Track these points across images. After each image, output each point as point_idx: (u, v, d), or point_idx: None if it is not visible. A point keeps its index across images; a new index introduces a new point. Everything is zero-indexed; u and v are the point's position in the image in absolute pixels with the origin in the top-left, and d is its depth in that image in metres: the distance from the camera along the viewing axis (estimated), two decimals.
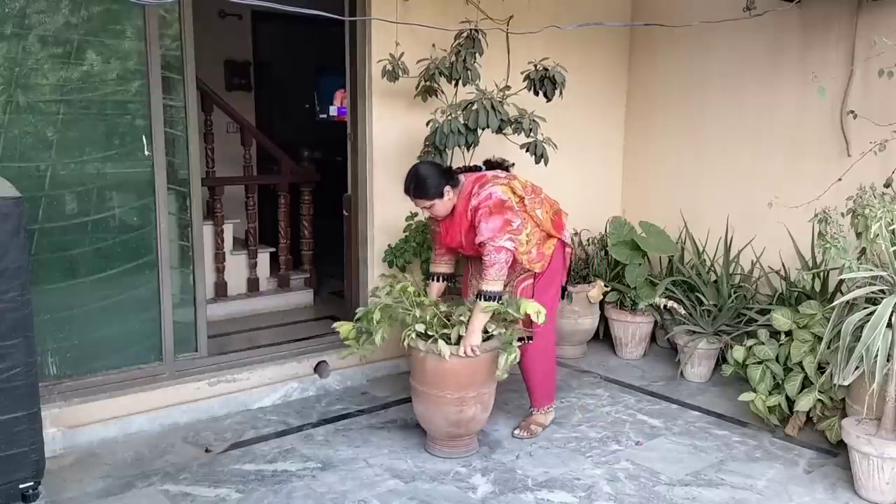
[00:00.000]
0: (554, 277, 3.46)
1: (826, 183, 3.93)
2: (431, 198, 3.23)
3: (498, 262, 3.13)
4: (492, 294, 3.13)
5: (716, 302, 4.39)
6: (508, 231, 3.14)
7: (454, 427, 3.25)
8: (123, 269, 3.50)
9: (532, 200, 3.31)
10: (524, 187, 3.32)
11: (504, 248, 3.13)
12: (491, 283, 3.14)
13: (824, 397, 3.39)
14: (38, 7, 3.15)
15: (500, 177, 3.32)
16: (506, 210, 3.16)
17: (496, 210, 3.15)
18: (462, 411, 3.20)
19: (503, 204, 3.16)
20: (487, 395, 3.29)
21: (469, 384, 3.18)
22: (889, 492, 2.94)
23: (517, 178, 3.38)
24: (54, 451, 3.20)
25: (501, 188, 3.21)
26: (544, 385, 3.57)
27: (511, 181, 3.30)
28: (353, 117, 4.21)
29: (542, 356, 3.48)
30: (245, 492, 3.00)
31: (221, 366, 3.82)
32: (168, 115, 3.50)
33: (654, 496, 3.02)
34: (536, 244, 3.32)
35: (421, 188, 3.23)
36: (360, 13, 3.92)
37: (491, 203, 3.16)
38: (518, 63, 3.93)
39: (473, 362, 3.14)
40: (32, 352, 2.60)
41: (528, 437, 3.49)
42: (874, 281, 3.06)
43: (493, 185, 3.21)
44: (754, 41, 4.41)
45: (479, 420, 3.32)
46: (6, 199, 2.50)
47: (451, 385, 3.16)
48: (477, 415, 3.27)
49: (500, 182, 3.25)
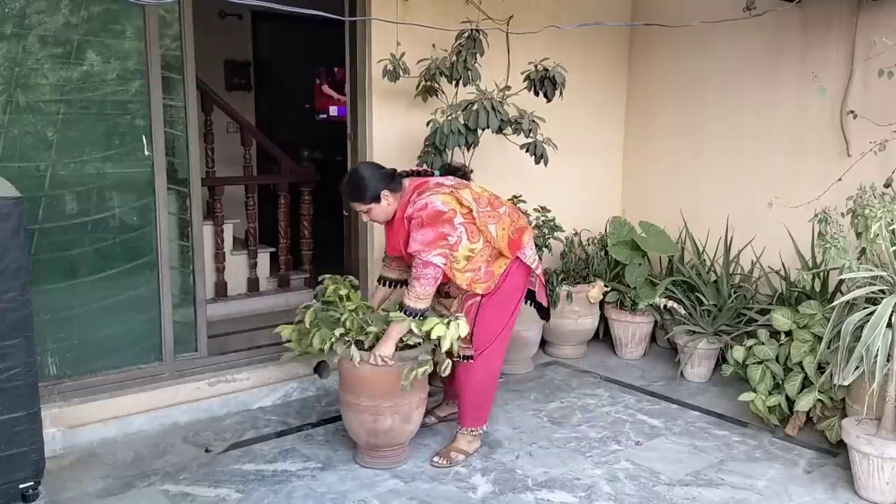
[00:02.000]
0: (510, 298, 3.20)
1: (826, 183, 3.93)
2: (367, 202, 3.06)
3: (424, 276, 2.94)
4: (413, 311, 2.97)
5: (716, 302, 4.39)
6: (441, 246, 2.94)
7: (372, 437, 3.13)
8: (123, 269, 3.50)
9: (486, 214, 3.08)
10: (478, 198, 3.10)
11: (432, 263, 2.93)
12: (414, 299, 2.96)
13: (824, 397, 3.39)
14: (38, 7, 3.15)
15: (444, 185, 3.07)
16: (442, 222, 2.95)
17: (429, 221, 2.94)
18: (377, 421, 3.08)
19: (440, 216, 2.95)
20: (407, 407, 3.12)
21: (384, 393, 3.04)
22: (889, 492, 2.94)
23: (470, 187, 3.16)
24: (54, 451, 3.21)
25: (442, 197, 2.98)
26: (475, 405, 3.30)
27: (458, 190, 3.05)
28: (353, 117, 4.21)
29: (478, 375, 3.24)
30: (245, 492, 3.00)
31: (221, 366, 3.82)
32: (168, 115, 3.50)
33: (654, 496, 3.02)
34: (486, 262, 3.10)
35: (356, 191, 3.08)
36: (360, 13, 3.92)
37: (425, 214, 2.95)
38: (518, 63, 3.93)
39: (387, 372, 3.00)
40: (32, 352, 2.60)
41: (447, 465, 3.21)
42: (874, 281, 3.06)
43: (431, 194, 2.99)
44: (754, 41, 4.41)
45: (399, 431, 3.15)
46: (6, 199, 2.50)
47: (366, 392, 3.05)
48: (395, 426, 3.11)
49: (442, 191, 3.02)
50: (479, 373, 3.25)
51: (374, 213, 3.11)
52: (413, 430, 3.25)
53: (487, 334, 3.21)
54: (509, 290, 3.20)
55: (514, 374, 4.41)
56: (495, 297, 3.17)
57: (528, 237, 3.23)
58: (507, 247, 3.13)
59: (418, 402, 3.19)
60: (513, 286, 3.22)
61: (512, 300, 3.23)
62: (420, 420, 3.27)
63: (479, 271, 3.10)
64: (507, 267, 3.17)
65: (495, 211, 3.15)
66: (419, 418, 3.25)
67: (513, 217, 3.22)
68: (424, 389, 3.22)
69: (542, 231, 4.41)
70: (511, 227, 3.17)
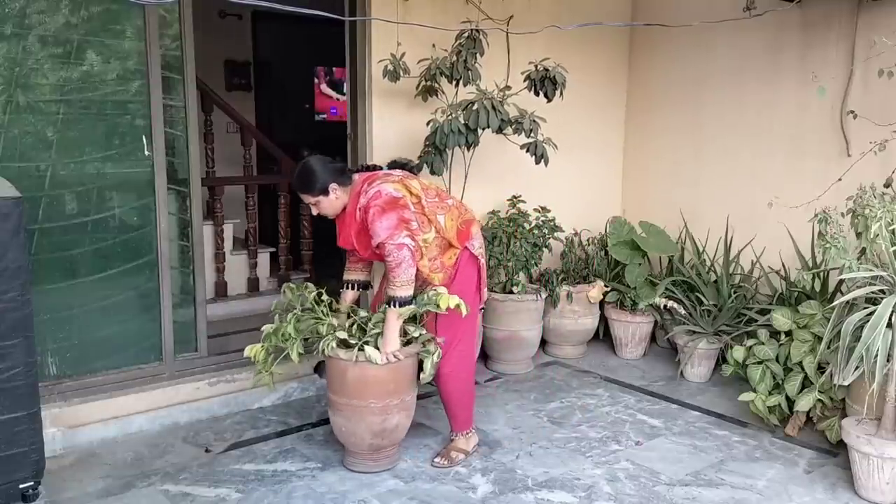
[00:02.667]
0: (463, 292, 3.15)
1: (826, 183, 3.93)
2: (315, 194, 3.05)
3: (403, 259, 2.90)
4: (403, 300, 2.94)
5: (716, 302, 4.39)
6: (408, 229, 2.93)
7: (377, 438, 3.10)
8: (123, 269, 3.50)
9: (434, 204, 3.10)
10: (426, 189, 3.12)
11: (403, 244, 2.90)
12: (399, 287, 2.93)
13: (824, 397, 3.39)
14: (38, 7, 3.15)
15: (392, 174, 3.10)
16: (400, 207, 2.94)
17: (388, 207, 2.92)
18: (386, 420, 3.06)
19: (396, 201, 2.94)
20: (410, 401, 3.16)
21: (394, 391, 3.04)
22: (889, 492, 2.94)
23: (417, 178, 3.20)
24: (54, 451, 3.21)
25: (393, 185, 2.99)
26: (460, 408, 3.30)
27: (406, 179, 3.09)
28: (354, 117, 4.21)
29: (452, 377, 3.23)
30: (245, 492, 3.00)
31: (221, 366, 3.82)
32: (168, 115, 3.50)
33: (654, 496, 3.02)
34: (438, 253, 3.12)
35: (303, 183, 3.08)
36: (360, 13, 3.92)
37: (381, 201, 2.94)
38: (518, 63, 3.93)
39: (397, 368, 3.01)
40: (32, 352, 2.60)
41: (449, 465, 3.23)
42: (874, 281, 3.06)
43: (382, 183, 2.99)
44: (754, 41, 4.41)
45: (403, 428, 3.17)
46: (6, 199, 2.50)
47: (376, 393, 3.02)
48: (401, 422, 3.13)
49: (392, 179, 3.04)
50: (451, 372, 3.22)
51: (323, 206, 3.11)
52: (409, 424, 3.24)
53: (448, 327, 3.18)
54: (461, 283, 3.21)
55: (514, 374, 4.41)
56: (452, 290, 3.13)
57: (476, 229, 3.25)
58: (456, 237, 3.15)
59: (415, 396, 3.22)
60: (465, 279, 3.23)
61: (464, 293, 3.17)
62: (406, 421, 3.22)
63: (435, 261, 3.12)
64: (457, 259, 3.19)
65: (443, 202, 3.17)
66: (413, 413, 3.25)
67: (460, 209, 3.24)
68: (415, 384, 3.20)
69: (542, 231, 4.41)
70: (459, 218, 3.19)
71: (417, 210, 3.04)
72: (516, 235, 4.31)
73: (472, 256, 3.24)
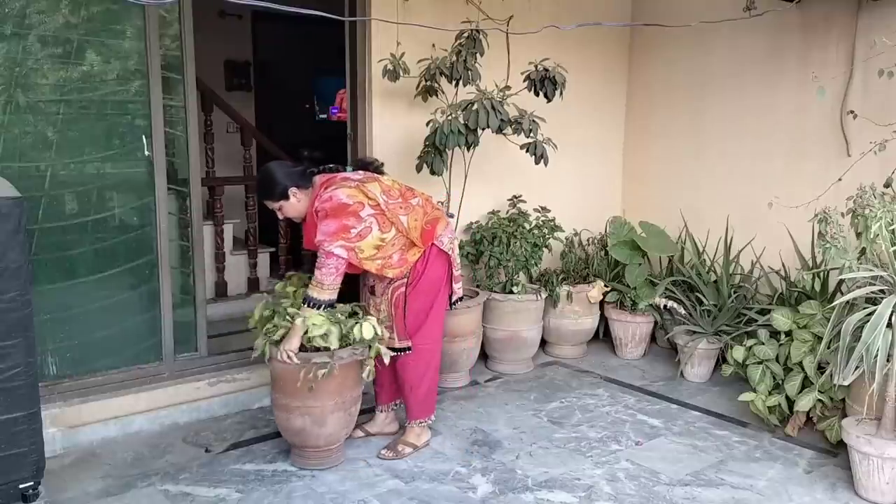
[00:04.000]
0: (433, 286, 3.25)
1: (826, 183, 3.92)
2: (276, 199, 3.15)
3: (325, 266, 3.00)
4: (314, 301, 3.01)
5: (716, 302, 4.39)
6: (343, 238, 3.00)
7: (288, 435, 3.15)
8: (123, 269, 3.50)
9: (396, 205, 3.14)
10: (387, 191, 3.15)
11: (333, 254, 2.98)
12: (316, 288, 3.01)
13: (824, 397, 3.39)
14: (38, 7, 3.15)
15: (350, 179, 3.14)
16: (346, 215, 3.01)
17: (332, 213, 3.02)
18: (289, 420, 3.09)
19: (344, 208, 3.01)
20: (319, 410, 3.07)
21: (293, 392, 3.03)
22: (889, 492, 2.94)
23: (380, 180, 3.20)
24: (54, 451, 3.21)
25: (347, 191, 3.05)
26: (418, 396, 3.34)
27: (365, 184, 3.11)
28: (353, 117, 4.21)
29: (412, 363, 3.29)
30: (245, 492, 3.00)
31: (221, 366, 3.82)
32: (168, 115, 3.50)
33: (654, 496, 3.02)
34: (400, 250, 3.15)
35: (264, 189, 3.20)
36: (360, 13, 3.92)
37: (328, 206, 3.03)
38: (518, 63, 3.93)
39: (294, 370, 2.98)
40: (32, 352, 2.60)
41: (394, 457, 3.26)
42: (874, 281, 3.06)
43: (337, 188, 3.06)
44: (754, 41, 4.41)
45: (312, 434, 3.11)
46: (6, 199, 2.50)
47: (279, 389, 3.07)
48: (306, 427, 3.08)
49: (348, 185, 3.09)
50: (413, 361, 3.29)
51: (286, 210, 3.19)
52: (331, 434, 3.14)
53: (417, 322, 3.27)
54: (431, 277, 3.26)
55: (514, 374, 4.41)
56: (419, 285, 3.23)
57: (441, 227, 3.27)
58: (420, 237, 3.18)
59: (334, 406, 3.10)
60: (434, 274, 3.26)
61: (434, 287, 3.27)
62: (340, 426, 3.17)
63: (392, 258, 3.14)
64: (426, 255, 3.22)
65: (407, 202, 3.20)
66: (337, 424, 3.14)
67: (426, 208, 3.26)
68: (342, 394, 3.11)
69: (541, 231, 4.41)
70: (424, 217, 3.22)
71: (377, 212, 3.08)
72: (516, 235, 4.31)
73: (441, 252, 3.27)
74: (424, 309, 3.27)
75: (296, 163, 3.29)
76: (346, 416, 3.18)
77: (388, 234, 3.10)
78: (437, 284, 3.29)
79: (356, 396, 3.22)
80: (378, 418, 3.54)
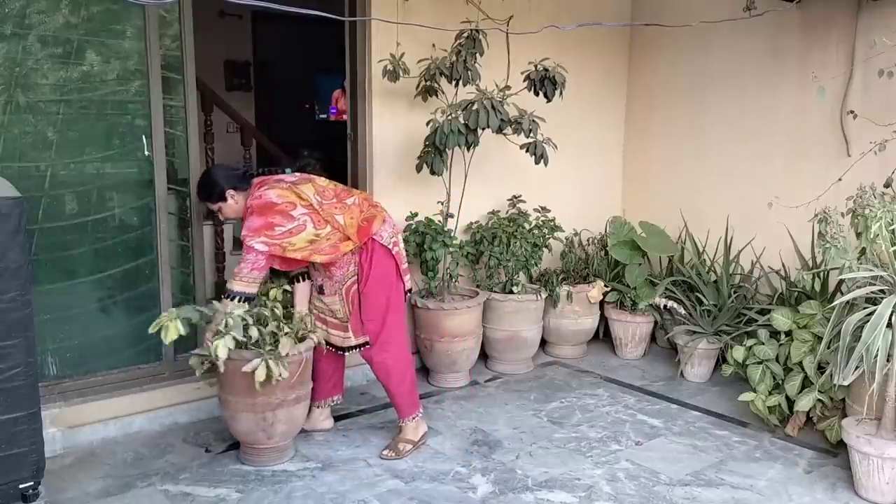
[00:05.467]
0: (384, 280, 3.31)
1: (826, 183, 3.93)
2: (215, 201, 3.29)
3: (246, 261, 3.10)
4: (234, 293, 3.09)
5: (716, 302, 4.39)
6: (266, 234, 3.09)
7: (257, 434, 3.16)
8: (123, 269, 3.50)
9: (331, 205, 3.22)
10: (321, 192, 3.24)
11: (253, 248, 3.09)
12: (236, 281, 3.10)
13: (824, 397, 3.39)
14: (38, 7, 3.15)
15: (284, 180, 3.26)
16: (273, 213, 3.12)
17: (258, 211, 3.13)
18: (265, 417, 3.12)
19: (272, 206, 3.12)
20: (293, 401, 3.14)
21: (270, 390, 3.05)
22: (889, 492, 2.94)
23: (314, 181, 3.29)
24: (54, 451, 3.21)
25: (278, 191, 3.16)
26: (402, 394, 3.39)
27: (297, 185, 3.21)
28: (353, 117, 4.21)
29: (388, 363, 3.34)
30: (245, 492, 3.00)
31: None
32: (168, 115, 3.50)
33: (654, 496, 3.02)
34: (333, 243, 3.21)
35: (202, 191, 3.34)
36: (360, 13, 3.92)
37: (255, 204, 3.15)
38: (518, 63, 3.93)
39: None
40: (32, 352, 2.60)
41: (396, 457, 3.30)
42: (874, 281, 3.06)
43: (269, 188, 3.18)
44: (754, 41, 4.41)
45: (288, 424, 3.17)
46: (6, 199, 2.50)
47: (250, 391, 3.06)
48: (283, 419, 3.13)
49: (280, 186, 3.19)
50: (388, 361, 3.34)
51: (225, 212, 3.32)
52: (247, 432, 3.15)
53: (375, 313, 3.31)
54: (380, 271, 3.31)
55: (514, 374, 4.41)
56: (370, 281, 3.29)
57: (378, 224, 3.31)
58: (357, 233, 3.25)
59: (244, 406, 3.11)
60: (382, 268, 3.32)
61: (386, 281, 3.33)
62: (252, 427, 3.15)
63: (322, 247, 3.20)
64: (369, 251, 3.28)
65: (342, 202, 3.28)
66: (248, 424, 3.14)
67: (362, 207, 3.32)
68: (252, 395, 3.06)
69: (541, 231, 4.41)
70: (360, 216, 3.29)
71: (309, 211, 3.17)
72: (516, 235, 4.31)
73: (384, 247, 3.31)
74: (381, 303, 3.31)
75: (237, 167, 3.48)
76: (257, 417, 3.12)
77: (322, 230, 3.18)
78: (388, 278, 3.34)
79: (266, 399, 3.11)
80: (313, 413, 3.55)
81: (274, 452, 3.24)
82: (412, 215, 4.16)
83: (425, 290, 4.21)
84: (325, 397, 3.58)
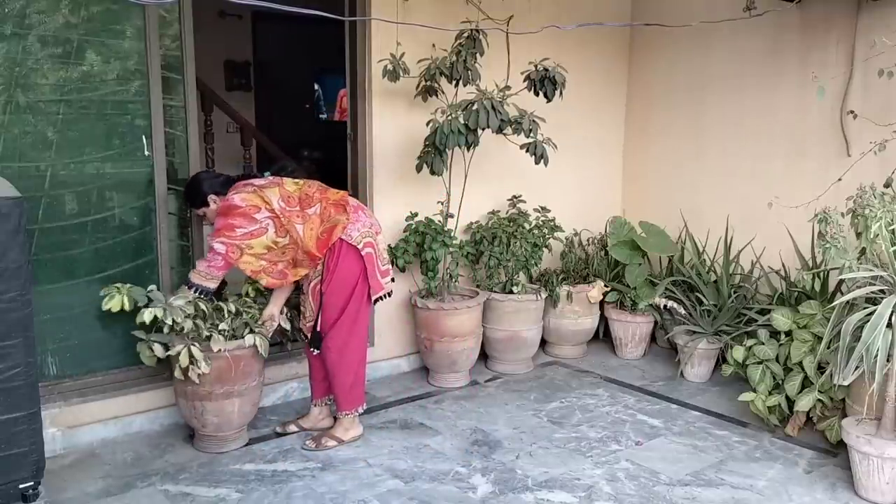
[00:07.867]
0: (345, 282, 3.31)
1: (826, 183, 3.93)
2: (198, 206, 3.42)
3: (206, 258, 3.26)
4: (192, 284, 3.26)
5: (716, 302, 4.39)
6: (226, 235, 3.19)
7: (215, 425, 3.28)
8: (123, 269, 3.50)
9: (292, 213, 3.22)
10: (286, 198, 3.24)
11: (213, 248, 3.21)
12: (197, 274, 3.26)
13: (824, 397, 3.39)
14: (38, 7, 3.15)
15: (252, 184, 3.30)
16: (234, 215, 3.19)
17: (222, 212, 3.24)
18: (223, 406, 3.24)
19: (234, 209, 3.20)
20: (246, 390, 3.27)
21: (216, 380, 3.19)
22: (889, 492, 2.94)
23: (282, 185, 3.29)
24: (54, 451, 3.21)
25: (243, 195, 3.22)
26: (343, 387, 3.41)
27: (263, 189, 3.23)
28: (354, 117, 4.21)
29: (334, 356, 3.37)
30: (245, 492, 3.00)
31: None
32: (168, 115, 3.50)
33: (654, 496, 3.02)
34: (285, 264, 3.27)
35: (188, 197, 3.46)
36: (360, 13, 3.92)
37: (223, 206, 3.26)
38: (518, 63, 3.93)
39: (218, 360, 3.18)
40: (32, 352, 2.60)
41: (316, 448, 3.36)
42: (874, 281, 3.06)
43: (235, 192, 3.26)
44: (754, 41, 4.41)
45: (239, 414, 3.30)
46: (6, 199, 2.50)
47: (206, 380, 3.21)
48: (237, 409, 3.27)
49: (246, 190, 3.26)
50: (333, 353, 3.37)
51: (209, 216, 3.42)
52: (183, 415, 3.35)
53: (332, 314, 3.34)
54: (343, 273, 3.31)
55: (514, 374, 4.41)
56: (332, 282, 3.31)
57: (339, 230, 3.27)
58: (316, 246, 3.25)
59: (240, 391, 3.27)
60: (346, 269, 3.32)
61: (347, 283, 3.33)
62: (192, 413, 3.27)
63: (274, 267, 3.28)
64: (336, 251, 3.28)
65: (303, 211, 3.27)
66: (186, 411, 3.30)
67: (323, 217, 3.29)
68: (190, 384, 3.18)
69: (542, 231, 4.41)
70: (321, 226, 3.27)
71: (272, 216, 3.22)
72: (516, 235, 4.31)
73: (352, 248, 3.29)
74: (339, 304, 3.33)
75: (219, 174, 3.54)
76: (188, 404, 3.26)
77: (282, 239, 3.23)
78: (351, 280, 3.33)
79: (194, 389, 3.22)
80: (312, 412, 3.61)
81: (213, 441, 3.33)
82: (412, 215, 4.16)
83: (425, 290, 4.21)
84: (320, 396, 3.60)
